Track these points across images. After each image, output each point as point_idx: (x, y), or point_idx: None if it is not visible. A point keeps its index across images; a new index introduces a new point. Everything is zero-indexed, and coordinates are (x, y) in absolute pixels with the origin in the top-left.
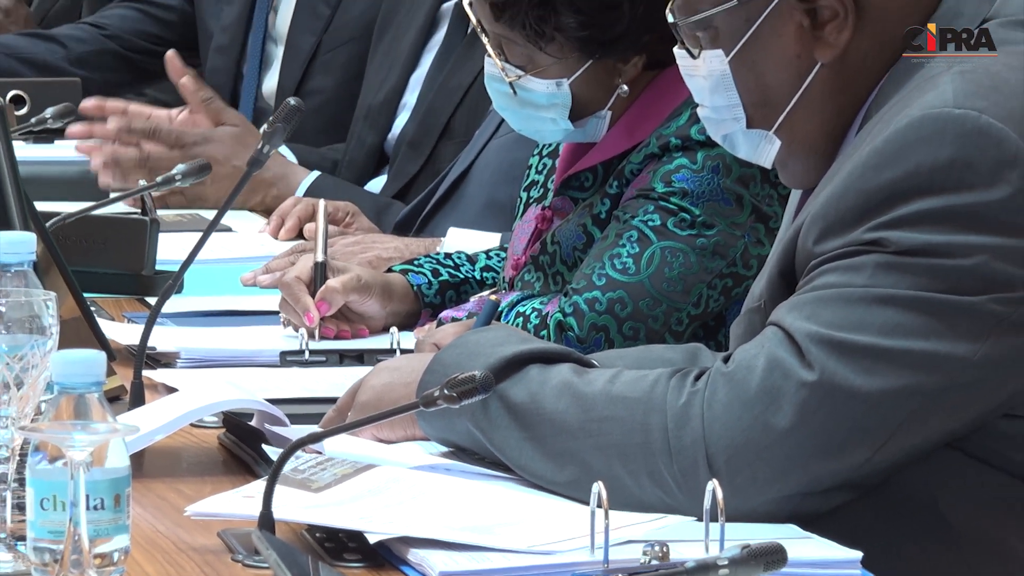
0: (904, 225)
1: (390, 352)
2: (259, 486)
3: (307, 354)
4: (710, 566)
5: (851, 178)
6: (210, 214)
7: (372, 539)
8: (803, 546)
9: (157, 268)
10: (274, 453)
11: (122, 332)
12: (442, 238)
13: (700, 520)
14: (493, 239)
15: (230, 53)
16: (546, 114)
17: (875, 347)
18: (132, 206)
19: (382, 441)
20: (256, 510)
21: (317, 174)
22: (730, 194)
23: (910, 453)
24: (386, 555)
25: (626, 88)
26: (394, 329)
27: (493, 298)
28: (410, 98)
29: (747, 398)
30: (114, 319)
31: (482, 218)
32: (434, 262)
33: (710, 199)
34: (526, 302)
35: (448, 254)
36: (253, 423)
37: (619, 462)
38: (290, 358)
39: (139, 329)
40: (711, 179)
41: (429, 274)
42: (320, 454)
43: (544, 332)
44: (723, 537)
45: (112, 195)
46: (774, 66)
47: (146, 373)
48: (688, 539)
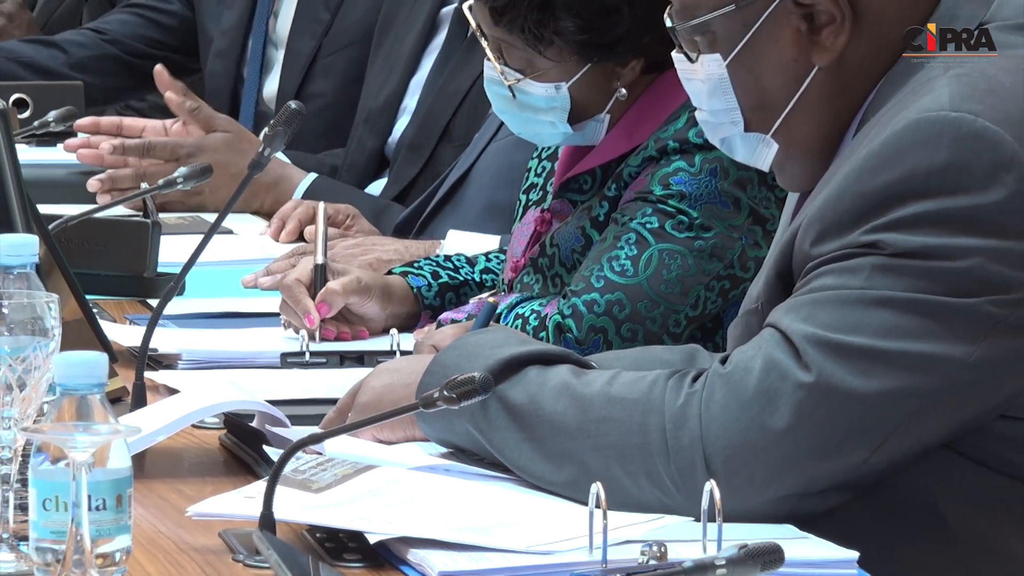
0: (901, 228)
1: (390, 354)
2: (260, 487)
3: (307, 356)
4: (708, 566)
5: (848, 181)
6: (211, 217)
7: (372, 539)
8: (800, 546)
9: (159, 270)
10: (275, 454)
11: (124, 334)
12: (442, 240)
13: (698, 520)
14: (492, 241)
15: (230, 57)
16: (545, 117)
17: (872, 349)
18: (134, 209)
19: (382, 442)
20: (257, 510)
21: (315, 176)
22: (728, 197)
23: (907, 454)
24: (386, 555)
25: (624, 91)
26: (394, 331)
27: (492, 300)
28: (410, 102)
29: (744, 399)
30: (116, 321)
31: (481, 221)
32: (434, 264)
33: (708, 202)
34: (525, 304)
35: (448, 256)
36: (254, 424)
37: (617, 463)
38: (291, 360)
39: (141, 331)
40: (709, 182)
41: (429, 276)
42: (320, 455)
43: (543, 334)
44: (720, 537)
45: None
46: (771, 70)
47: (148, 374)
48: (686, 539)
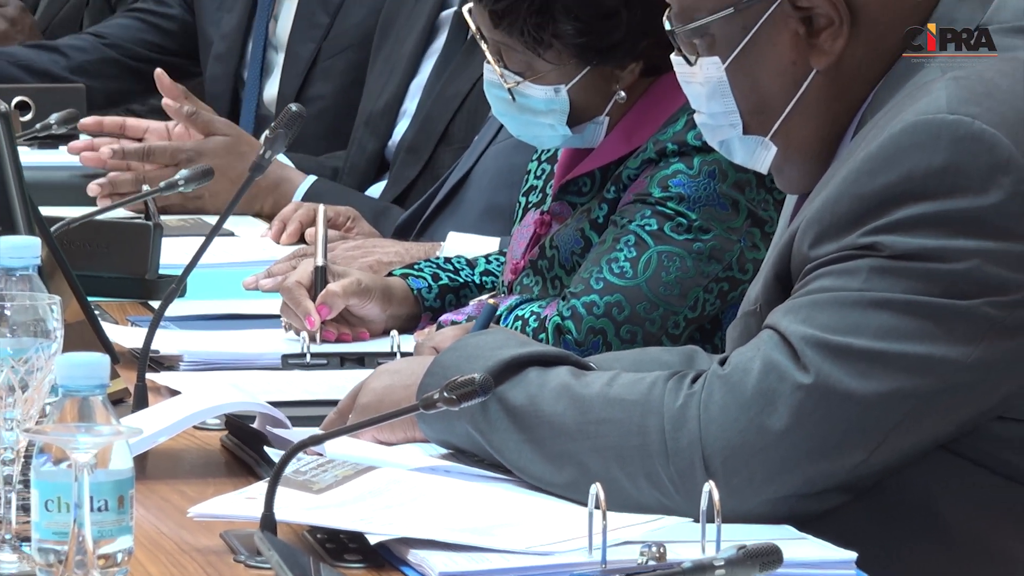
0: (898, 230)
1: (390, 355)
2: (261, 488)
3: (308, 357)
4: (707, 566)
5: (846, 183)
6: (212, 219)
7: (372, 540)
8: (798, 547)
9: (160, 272)
10: (276, 455)
11: (126, 335)
12: (442, 242)
13: (697, 521)
14: (492, 243)
15: (230, 61)
16: (544, 120)
17: (870, 350)
18: (135, 211)
19: (383, 443)
20: (258, 511)
21: (314, 178)
22: (726, 199)
23: (904, 455)
24: (386, 556)
25: (623, 94)
26: (394, 332)
27: (492, 302)
28: (410, 105)
29: (743, 400)
30: (118, 323)
31: (481, 223)
32: (434, 266)
33: (706, 204)
34: (525, 306)
35: (448, 258)
36: (255, 425)
37: (617, 464)
38: (292, 361)
39: (142, 332)
40: (707, 184)
41: (429, 278)
42: (321, 456)
43: (542, 335)
44: (719, 538)
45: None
46: (770, 73)
47: (149, 376)
48: (685, 540)
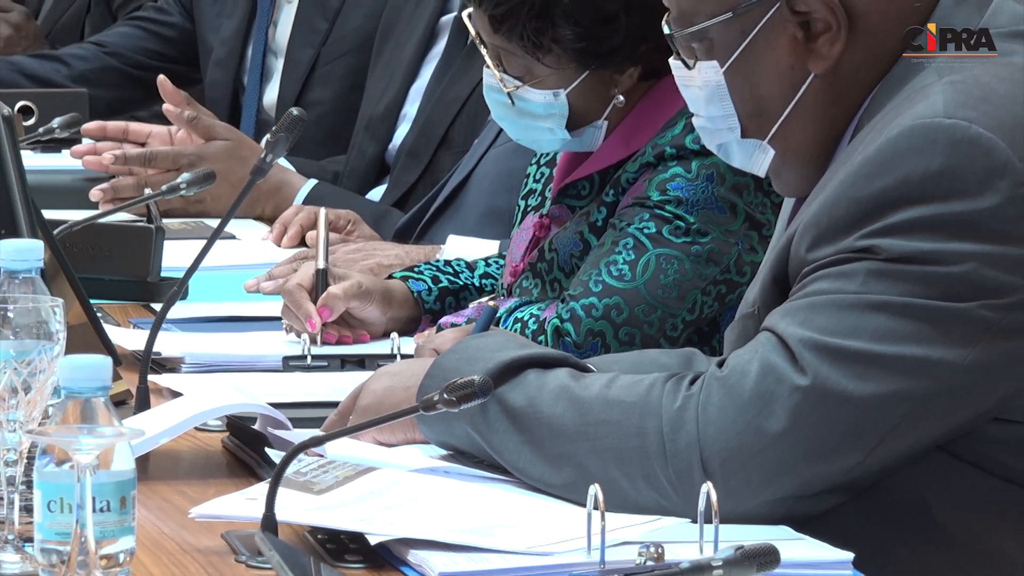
0: (895, 233)
1: (391, 357)
2: (262, 488)
3: (309, 359)
4: (704, 567)
5: (843, 187)
6: (214, 222)
7: (373, 540)
8: (796, 547)
9: (162, 275)
10: (277, 456)
11: (128, 337)
12: (442, 245)
13: (695, 522)
14: (492, 246)
15: (230, 66)
16: (543, 124)
17: (867, 352)
18: (137, 214)
19: (383, 444)
20: (259, 512)
21: (315, 182)
22: (724, 202)
23: (901, 457)
24: (386, 556)
25: (622, 98)
26: (395, 334)
27: (492, 304)
28: (410, 109)
29: (741, 402)
30: (120, 325)
31: (481, 226)
32: (434, 269)
33: (704, 207)
34: (524, 308)
35: (448, 261)
36: (256, 427)
37: (615, 465)
38: (292, 363)
39: (144, 335)
40: (705, 187)
41: (429, 281)
42: (322, 457)
43: (542, 337)
44: (717, 538)
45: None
46: (768, 77)
47: (151, 378)
48: (683, 540)
